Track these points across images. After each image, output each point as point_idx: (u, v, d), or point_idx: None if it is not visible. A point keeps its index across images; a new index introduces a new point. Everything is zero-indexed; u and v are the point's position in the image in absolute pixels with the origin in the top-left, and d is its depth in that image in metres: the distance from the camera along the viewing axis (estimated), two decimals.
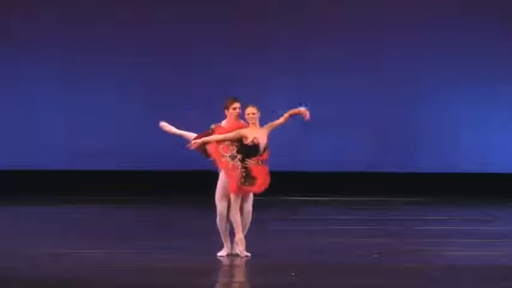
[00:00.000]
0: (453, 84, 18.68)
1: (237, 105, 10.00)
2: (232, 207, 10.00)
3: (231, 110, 10.01)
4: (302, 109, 10.09)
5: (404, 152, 18.67)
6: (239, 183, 9.88)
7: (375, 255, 9.96)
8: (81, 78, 18.55)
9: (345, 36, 18.54)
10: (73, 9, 18.74)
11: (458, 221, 15.01)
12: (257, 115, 10.00)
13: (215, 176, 10.40)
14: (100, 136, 18.35)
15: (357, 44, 18.60)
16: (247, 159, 9.91)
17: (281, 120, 10.06)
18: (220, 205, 10.07)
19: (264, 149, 10.00)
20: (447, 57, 18.64)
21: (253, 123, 9.96)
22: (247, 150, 9.93)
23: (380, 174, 18.43)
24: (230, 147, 9.95)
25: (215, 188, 10.25)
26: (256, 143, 9.92)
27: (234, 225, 10.06)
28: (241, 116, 10.08)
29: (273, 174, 10.86)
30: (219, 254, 10.16)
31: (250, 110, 9.95)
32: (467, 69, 18.75)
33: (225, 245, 10.18)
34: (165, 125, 10.52)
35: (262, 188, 10.01)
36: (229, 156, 9.92)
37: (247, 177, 9.91)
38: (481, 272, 9.80)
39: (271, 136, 10.25)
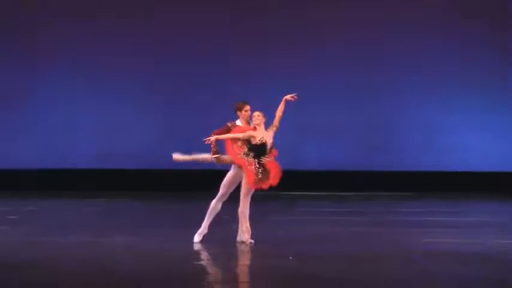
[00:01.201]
0: (428, 94, 19.10)
1: (248, 107, 11.09)
2: (245, 200, 10.99)
3: (243, 112, 11.09)
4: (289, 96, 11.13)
5: (386, 153, 19.01)
6: (256, 178, 10.85)
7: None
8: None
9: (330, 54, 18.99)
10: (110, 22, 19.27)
11: (435, 213, 15.56)
12: (263, 118, 11.04)
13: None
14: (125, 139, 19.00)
15: (345, 61, 19.04)
16: (261, 157, 10.92)
17: (279, 109, 11.02)
18: (220, 195, 11.11)
19: (271, 148, 11.03)
20: (423, 71, 19.12)
21: (258, 125, 11.00)
22: (257, 149, 10.94)
23: (364, 172, 19.00)
24: (242, 147, 10.95)
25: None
26: (264, 142, 10.96)
27: (243, 216, 11.02)
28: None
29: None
30: (196, 239, 11.15)
31: (258, 113, 11.00)
32: (442, 82, 19.16)
33: (203, 228, 11.18)
34: (177, 157, 11.23)
35: (276, 181, 10.92)
36: (244, 153, 10.94)
37: (263, 172, 10.89)
38: (458, 257, 10.51)
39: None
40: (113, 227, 13.27)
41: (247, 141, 11.02)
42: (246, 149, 10.99)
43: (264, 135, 11.03)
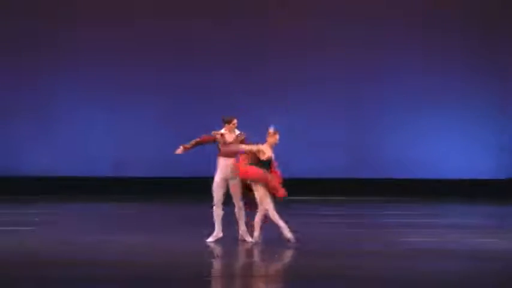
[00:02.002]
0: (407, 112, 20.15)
1: (235, 121, 12.52)
2: (271, 208, 12.12)
3: (231, 125, 12.51)
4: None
5: (373, 163, 20.08)
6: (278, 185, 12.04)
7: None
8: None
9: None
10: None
11: (413, 215, 16.60)
12: (277, 137, 12.22)
13: None
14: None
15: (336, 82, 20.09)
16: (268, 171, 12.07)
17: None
18: (216, 201, 12.35)
19: (272, 161, 12.22)
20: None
21: (274, 144, 12.19)
22: (265, 164, 12.10)
23: (351, 180, 20.09)
24: (246, 159, 12.24)
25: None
26: (270, 158, 12.18)
27: (277, 221, 12.09)
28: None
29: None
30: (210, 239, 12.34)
31: (274, 130, 12.14)
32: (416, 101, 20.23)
33: (217, 232, 12.44)
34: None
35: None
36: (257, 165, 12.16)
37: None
38: (435, 254, 11.41)
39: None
40: (132, 228, 14.40)
41: (253, 156, 12.19)
42: (255, 163, 12.18)
43: (271, 153, 12.24)
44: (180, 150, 12.52)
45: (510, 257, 11.50)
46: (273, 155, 12.26)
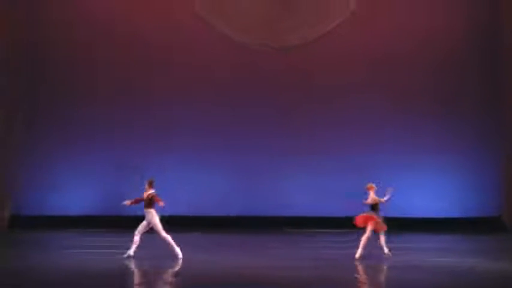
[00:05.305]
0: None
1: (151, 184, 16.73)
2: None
3: (152, 186, 16.69)
4: None
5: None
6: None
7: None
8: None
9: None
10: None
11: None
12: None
13: None
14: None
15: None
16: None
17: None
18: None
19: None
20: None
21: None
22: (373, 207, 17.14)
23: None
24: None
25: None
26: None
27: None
28: None
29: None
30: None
31: (372, 185, 17.26)
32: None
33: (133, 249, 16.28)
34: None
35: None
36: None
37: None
38: (397, 270, 14.83)
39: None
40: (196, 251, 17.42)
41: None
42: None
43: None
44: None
45: None
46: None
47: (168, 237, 16.44)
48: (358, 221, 16.89)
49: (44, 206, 23.27)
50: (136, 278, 14.51)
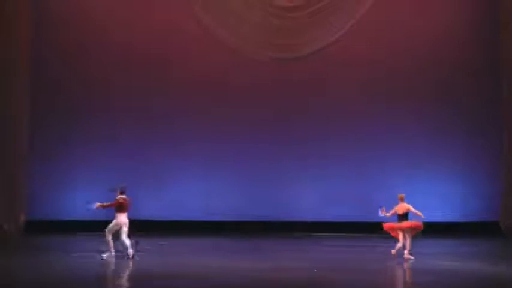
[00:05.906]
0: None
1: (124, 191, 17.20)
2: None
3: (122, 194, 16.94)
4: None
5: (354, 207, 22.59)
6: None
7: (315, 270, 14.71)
8: None
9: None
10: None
11: (363, 248, 19.25)
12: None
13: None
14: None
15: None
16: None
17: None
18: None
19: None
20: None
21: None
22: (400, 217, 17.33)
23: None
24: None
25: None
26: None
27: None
28: None
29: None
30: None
31: (403, 196, 17.54)
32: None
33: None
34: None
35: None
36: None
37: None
38: (375, 274, 14.96)
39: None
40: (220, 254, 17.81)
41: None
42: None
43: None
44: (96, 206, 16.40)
45: None
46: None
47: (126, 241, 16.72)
48: (390, 229, 17.22)
49: (59, 210, 23.25)
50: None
